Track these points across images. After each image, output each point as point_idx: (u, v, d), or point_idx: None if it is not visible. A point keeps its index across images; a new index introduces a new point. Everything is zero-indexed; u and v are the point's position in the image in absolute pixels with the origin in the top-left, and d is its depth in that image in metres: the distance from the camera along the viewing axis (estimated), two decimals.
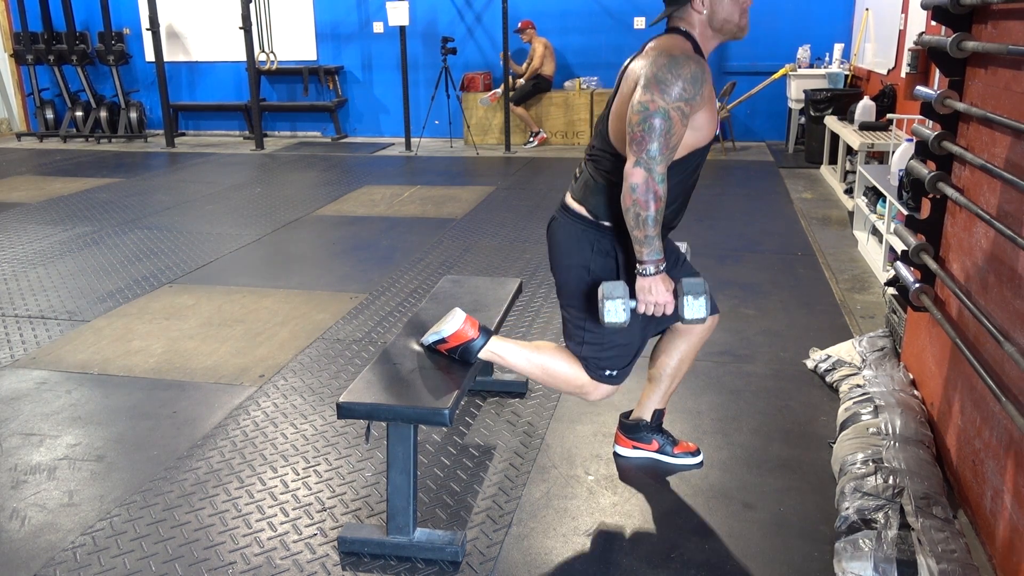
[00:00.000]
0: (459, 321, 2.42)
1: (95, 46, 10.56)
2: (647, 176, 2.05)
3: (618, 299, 2.16)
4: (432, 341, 2.47)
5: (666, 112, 2.04)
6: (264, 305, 4.32)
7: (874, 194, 5.00)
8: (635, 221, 2.09)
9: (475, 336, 2.42)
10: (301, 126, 10.84)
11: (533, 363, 2.44)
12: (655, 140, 2.04)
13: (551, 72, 9.47)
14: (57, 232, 5.88)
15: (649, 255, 2.14)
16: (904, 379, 2.99)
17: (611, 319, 2.18)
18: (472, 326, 2.43)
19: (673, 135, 2.06)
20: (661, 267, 2.16)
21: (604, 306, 2.17)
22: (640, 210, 2.07)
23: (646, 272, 2.16)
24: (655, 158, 2.04)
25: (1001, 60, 2.25)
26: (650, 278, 2.16)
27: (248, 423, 3.06)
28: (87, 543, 2.37)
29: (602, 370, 2.41)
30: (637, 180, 2.06)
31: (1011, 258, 2.14)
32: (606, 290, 2.18)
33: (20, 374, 3.51)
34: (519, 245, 5.41)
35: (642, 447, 2.76)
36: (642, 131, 2.04)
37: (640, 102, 2.05)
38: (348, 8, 10.25)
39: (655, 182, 2.05)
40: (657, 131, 2.03)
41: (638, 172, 2.05)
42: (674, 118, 2.05)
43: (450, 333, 2.42)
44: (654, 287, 2.17)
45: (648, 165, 2.04)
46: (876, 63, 7.28)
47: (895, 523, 2.16)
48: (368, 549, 2.29)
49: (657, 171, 2.05)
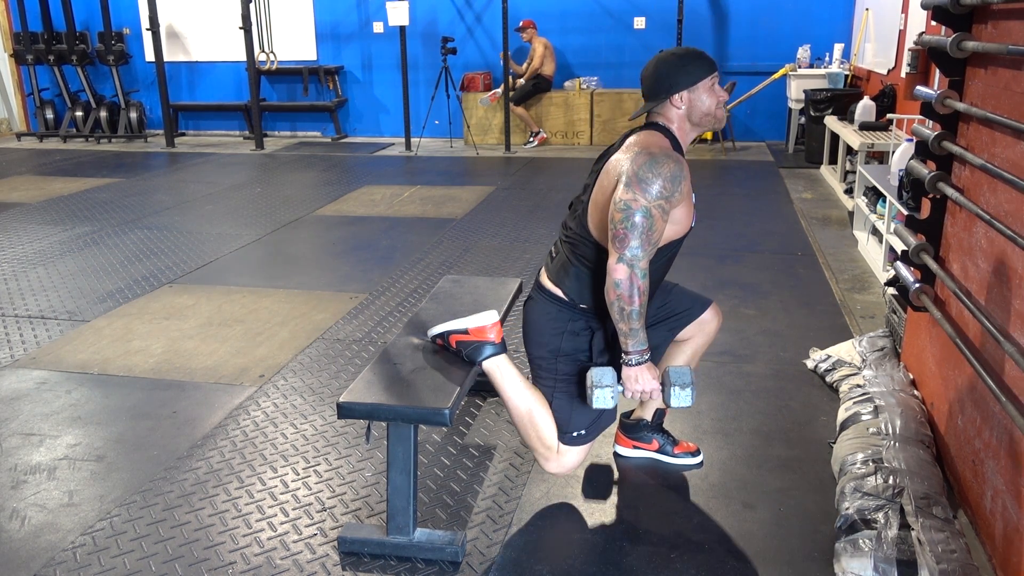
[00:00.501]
0: (489, 320, 2.43)
1: (95, 46, 10.56)
2: (630, 272, 2.11)
3: (607, 387, 2.21)
4: (446, 331, 2.46)
5: (647, 210, 2.10)
6: (264, 305, 4.32)
7: (874, 194, 5.00)
8: (620, 315, 2.15)
9: (494, 341, 2.42)
10: (301, 126, 10.84)
11: (525, 400, 2.42)
12: (637, 237, 2.10)
13: (551, 72, 9.47)
14: (57, 232, 5.88)
15: (634, 346, 2.19)
16: (904, 379, 2.99)
17: (599, 405, 2.23)
18: (496, 333, 2.44)
19: (654, 232, 2.12)
20: (645, 357, 2.21)
21: (593, 393, 2.21)
22: (624, 304, 2.13)
23: (631, 363, 2.21)
24: (637, 255, 2.10)
25: (1001, 60, 2.25)
26: (635, 368, 2.21)
27: (248, 423, 3.06)
28: (87, 543, 2.37)
29: (570, 431, 2.41)
30: (621, 276, 2.11)
31: (1011, 258, 2.14)
32: (595, 377, 2.22)
33: (20, 374, 3.51)
34: (519, 245, 5.41)
35: (642, 447, 2.76)
36: (624, 229, 2.10)
37: (623, 200, 2.11)
38: (348, 8, 10.25)
39: (638, 278, 2.11)
40: (639, 229, 2.09)
41: (621, 268, 2.11)
42: (655, 215, 2.11)
43: (475, 326, 2.42)
44: (640, 376, 2.22)
45: (631, 262, 2.11)
46: (876, 63, 7.28)
47: (895, 523, 2.16)
48: (368, 549, 2.29)
49: (639, 267, 2.11)
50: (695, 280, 4.49)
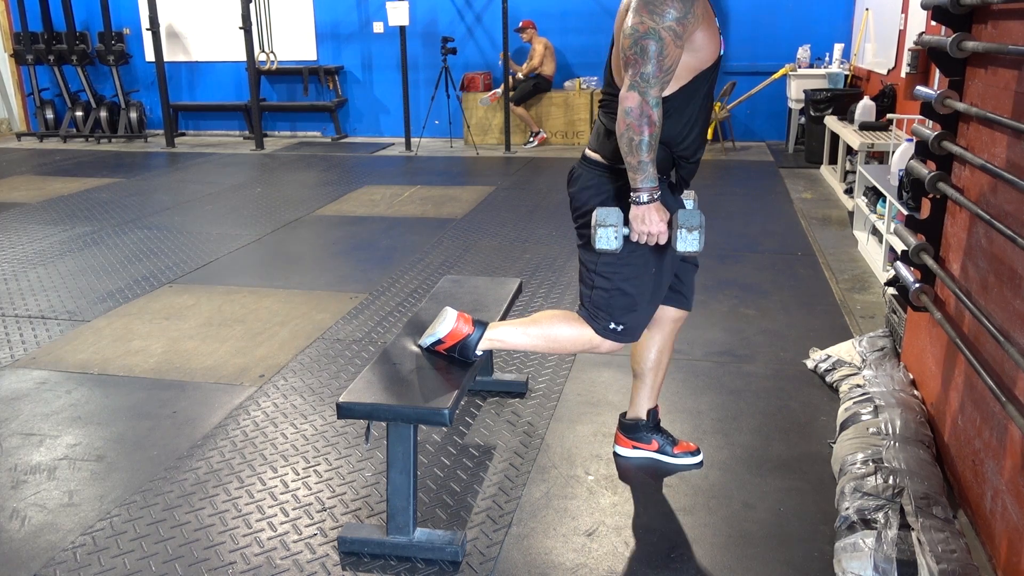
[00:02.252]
0: (451, 320, 2.42)
1: (95, 46, 10.56)
2: (641, 100, 2.02)
3: (611, 227, 2.13)
4: (429, 343, 2.47)
5: (657, 33, 2.00)
6: (264, 305, 4.32)
7: (874, 194, 5.00)
8: (628, 146, 2.06)
9: (470, 331, 2.41)
10: (301, 126, 10.84)
11: (533, 336, 2.42)
12: (648, 62, 2.01)
13: (551, 72, 9.47)
14: (57, 232, 5.88)
15: (643, 182, 2.10)
16: (904, 379, 2.99)
17: (602, 246, 2.15)
18: (465, 322, 2.43)
19: (667, 57, 2.02)
20: (655, 195, 2.12)
21: (596, 233, 2.14)
22: (634, 135, 2.04)
23: (639, 200, 2.12)
24: (648, 81, 2.01)
25: (1001, 60, 2.25)
26: (643, 206, 2.13)
27: (248, 423, 3.06)
28: (87, 543, 2.37)
29: (608, 322, 2.37)
30: (631, 104, 2.02)
31: (1011, 258, 2.14)
32: (599, 216, 2.14)
33: (20, 374, 3.51)
34: (519, 245, 5.41)
35: (642, 447, 2.76)
36: (634, 54, 2.02)
37: (631, 26, 2.03)
38: (348, 8, 10.25)
39: (649, 106, 2.02)
40: (649, 53, 2.00)
41: (632, 96, 2.02)
42: (666, 39, 2.01)
43: (445, 333, 2.42)
44: (647, 216, 2.13)
45: (642, 88, 2.01)
46: (876, 63, 7.28)
47: (895, 523, 2.16)
48: (368, 549, 2.29)
49: (651, 94, 2.02)
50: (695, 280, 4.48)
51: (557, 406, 3.14)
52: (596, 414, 3.08)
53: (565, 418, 3.06)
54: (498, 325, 2.47)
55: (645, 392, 2.70)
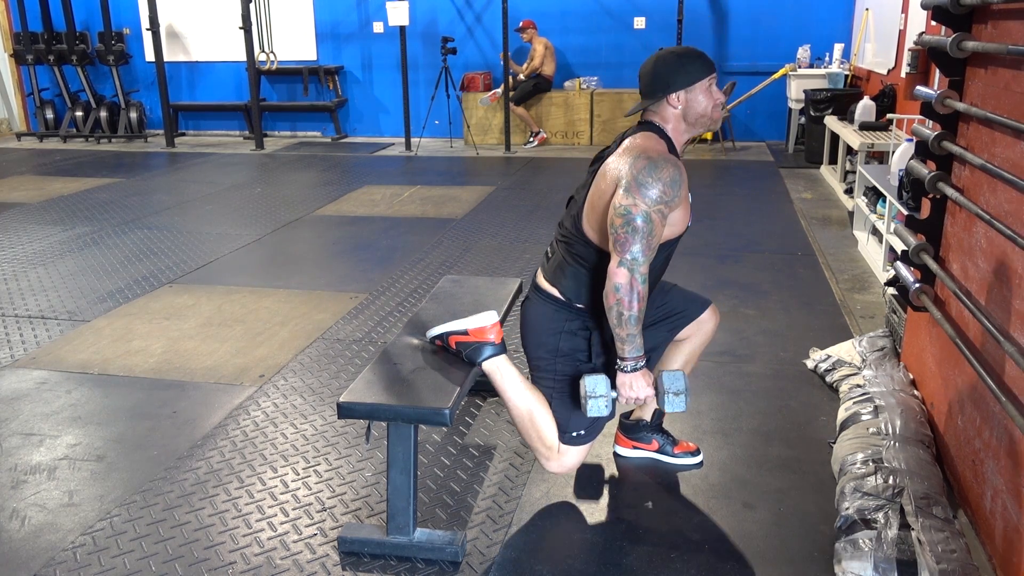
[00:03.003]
0: (489, 320, 2.43)
1: (95, 46, 10.56)
2: (630, 277, 2.10)
3: (601, 397, 2.21)
4: (446, 332, 2.46)
5: (647, 215, 2.10)
6: (264, 305, 4.32)
7: (874, 194, 5.00)
8: (618, 320, 2.14)
9: (494, 343, 2.42)
10: (301, 126, 10.84)
11: (525, 401, 2.42)
12: (638, 242, 2.10)
13: (551, 72, 9.47)
14: (57, 232, 5.88)
15: (630, 352, 2.18)
16: (904, 379, 2.99)
17: (594, 414, 2.23)
18: (496, 334, 2.44)
19: (654, 236, 2.12)
20: (641, 364, 2.20)
21: (587, 403, 2.21)
22: (623, 310, 2.12)
23: (626, 369, 2.20)
24: (638, 259, 2.10)
25: (1001, 60, 2.25)
26: (630, 375, 2.20)
27: (248, 423, 3.06)
28: (87, 543, 2.37)
29: (570, 431, 2.41)
30: (621, 281, 2.11)
31: (1011, 258, 2.14)
32: (589, 387, 2.22)
33: (20, 374, 3.51)
34: (519, 245, 5.41)
35: (642, 447, 2.76)
36: (625, 233, 2.10)
37: (623, 205, 2.11)
38: (348, 8, 10.25)
39: (638, 283, 2.11)
40: (640, 233, 2.09)
41: (622, 273, 2.11)
42: (655, 220, 2.11)
43: (474, 327, 2.42)
44: (634, 383, 2.21)
45: (631, 266, 2.10)
46: (876, 63, 7.28)
47: (895, 523, 2.16)
48: (368, 549, 2.29)
49: (639, 272, 2.11)
50: (695, 280, 4.49)
51: None
52: None
53: None
54: (511, 364, 2.46)
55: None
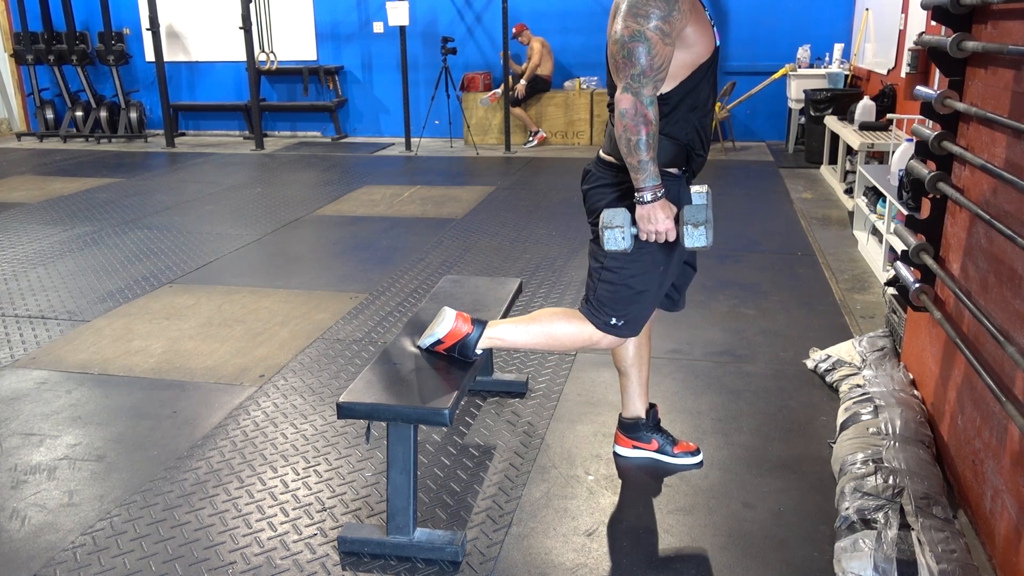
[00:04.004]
0: (450, 320, 2.43)
1: (95, 46, 10.56)
2: (634, 100, 2.06)
3: (617, 228, 2.15)
4: (428, 344, 2.47)
5: (643, 35, 2.05)
6: (264, 305, 4.32)
7: (874, 194, 5.00)
8: (627, 147, 2.09)
9: (469, 331, 2.42)
10: (301, 126, 10.84)
11: (534, 333, 2.43)
12: (637, 64, 2.05)
13: (549, 71, 9.46)
14: (57, 232, 5.88)
15: (645, 181, 2.12)
16: (904, 379, 2.99)
17: (611, 247, 2.17)
18: (464, 321, 2.43)
19: (656, 56, 2.06)
20: (659, 193, 2.14)
21: (604, 235, 2.15)
22: (631, 135, 2.07)
23: (643, 199, 2.15)
24: (640, 80, 2.05)
25: (1001, 60, 2.25)
26: (648, 205, 2.15)
27: (248, 423, 3.06)
28: (87, 543, 2.37)
29: (610, 317, 2.38)
30: (626, 105, 2.07)
31: (1011, 258, 2.14)
32: (605, 218, 2.16)
33: (20, 374, 3.51)
34: (519, 245, 5.41)
35: (642, 447, 2.76)
36: (623, 58, 2.06)
37: (618, 32, 2.08)
38: (348, 8, 10.25)
39: (643, 105, 2.06)
40: (637, 55, 2.05)
41: (626, 97, 2.07)
42: (653, 39, 2.05)
43: (444, 333, 2.42)
44: (653, 215, 2.15)
45: (634, 88, 2.05)
46: (876, 63, 7.28)
47: (895, 523, 2.16)
48: (368, 549, 2.29)
49: (644, 94, 2.05)
50: (695, 280, 4.48)
51: (557, 406, 3.14)
52: (596, 414, 3.08)
53: (565, 418, 3.06)
54: (497, 323, 2.47)
55: (634, 388, 2.71)
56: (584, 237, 5.39)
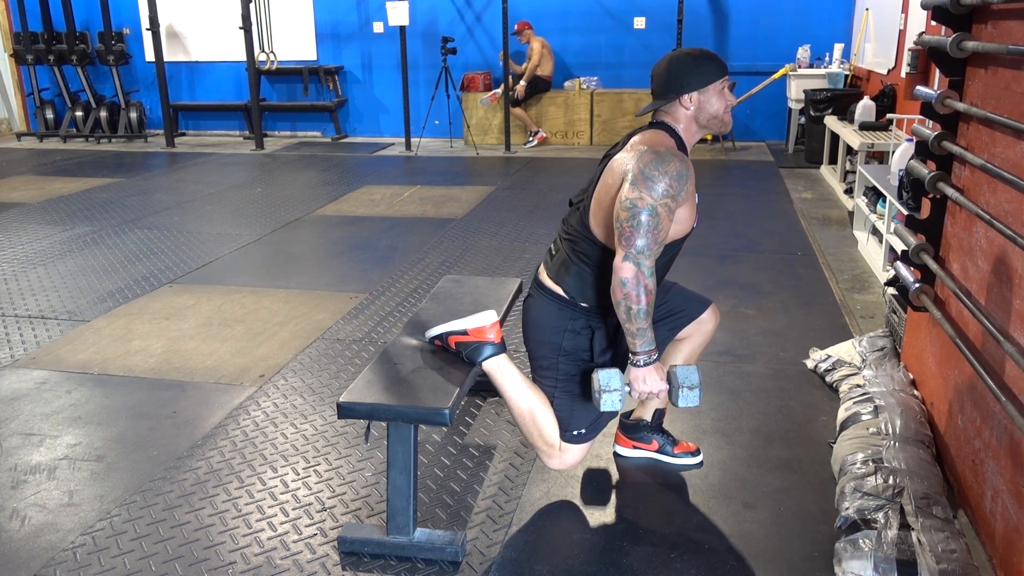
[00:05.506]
0: (488, 320, 2.43)
1: (95, 46, 10.56)
2: (636, 271, 2.10)
3: (615, 391, 2.20)
4: (445, 332, 2.45)
5: (653, 208, 2.09)
6: (264, 305, 4.32)
7: (874, 194, 5.00)
8: (627, 315, 2.14)
9: (494, 341, 2.42)
10: (301, 126, 10.84)
11: (526, 400, 2.42)
12: (643, 236, 2.09)
13: (549, 72, 9.46)
14: (57, 232, 5.88)
15: (642, 347, 2.18)
16: (904, 379, 2.99)
17: (608, 408, 2.22)
18: (495, 333, 2.44)
19: (660, 230, 2.12)
20: (653, 357, 2.20)
21: (601, 397, 2.20)
22: (631, 304, 2.11)
23: (639, 363, 2.20)
24: (643, 252, 2.10)
25: (1001, 60, 2.25)
26: (643, 369, 2.20)
27: (248, 423, 3.06)
28: (87, 543, 2.37)
29: (571, 430, 2.41)
30: (627, 275, 2.10)
31: (1011, 258, 2.14)
32: (603, 380, 2.21)
33: (20, 374, 3.51)
34: (519, 245, 5.41)
35: (642, 447, 2.76)
36: (631, 227, 2.10)
37: (628, 198, 2.11)
38: (348, 8, 10.25)
39: (644, 276, 2.10)
40: (645, 227, 2.09)
41: (628, 267, 2.10)
42: (661, 214, 2.11)
43: (474, 327, 2.42)
44: (648, 377, 2.20)
45: (637, 260, 2.10)
46: (876, 63, 7.28)
47: (895, 523, 2.16)
48: (368, 549, 2.29)
49: (646, 265, 2.10)
50: (695, 280, 4.49)
51: None
52: None
53: None
54: (511, 363, 2.46)
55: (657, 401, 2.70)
56: None
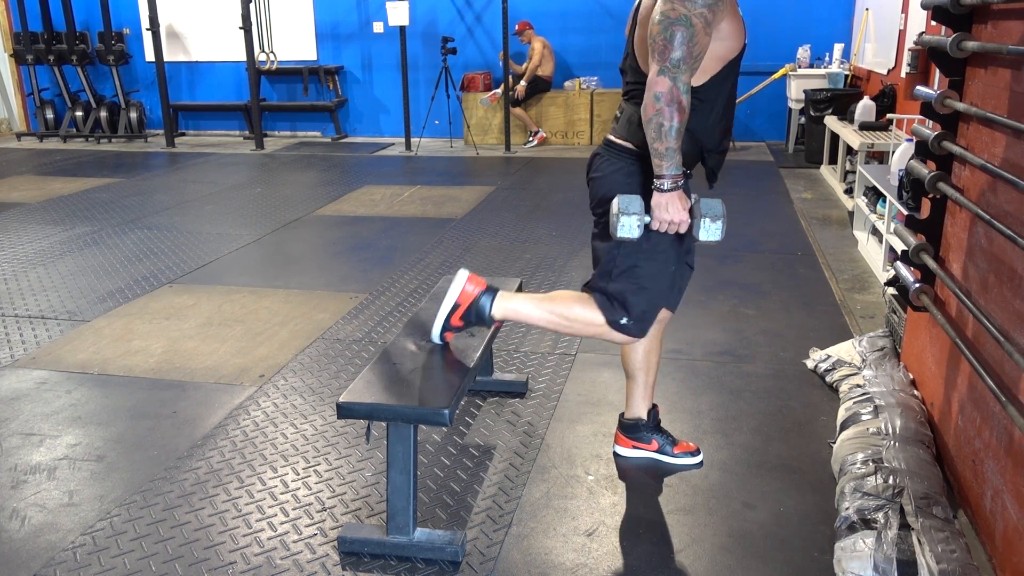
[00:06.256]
0: (463, 279, 2.39)
1: (95, 46, 10.56)
2: (671, 85, 2.00)
3: (633, 215, 2.10)
4: (444, 319, 2.43)
5: (688, 19, 1.99)
6: (264, 305, 4.32)
7: (874, 194, 5.00)
8: (657, 132, 2.04)
9: (483, 290, 2.39)
10: (301, 126, 10.84)
11: (548, 311, 2.39)
12: (678, 48, 1.99)
13: (550, 72, 9.47)
14: (57, 232, 5.88)
15: (668, 169, 2.08)
16: (904, 379, 2.99)
17: (624, 234, 2.13)
18: (476, 284, 2.40)
19: (696, 44, 2.01)
20: (679, 183, 2.11)
21: (618, 220, 2.11)
22: (663, 120, 2.02)
23: (663, 187, 2.11)
24: (679, 66, 2.00)
25: (1001, 60, 2.25)
26: (667, 194, 2.11)
27: (248, 423, 3.06)
28: (87, 543, 2.37)
29: (622, 316, 2.34)
30: (661, 89, 2.01)
31: (1011, 258, 2.14)
32: (621, 204, 2.12)
33: (20, 374, 3.51)
34: (519, 245, 5.41)
35: (642, 447, 2.76)
36: (664, 40, 2.00)
37: (662, 12, 2.01)
38: (348, 8, 10.25)
39: (679, 91, 2.00)
40: (680, 39, 1.99)
41: (662, 81, 2.00)
42: (696, 25, 2.00)
43: (459, 294, 2.39)
44: (670, 204, 2.12)
45: (672, 74, 2.00)
46: (876, 63, 7.28)
47: (895, 523, 2.16)
48: (368, 549, 2.29)
49: (681, 80, 2.00)
50: (695, 280, 4.47)
51: (557, 406, 3.14)
52: (596, 414, 3.08)
53: (565, 418, 3.06)
54: (513, 295, 2.43)
55: (639, 391, 2.70)
56: (584, 237, 5.41)
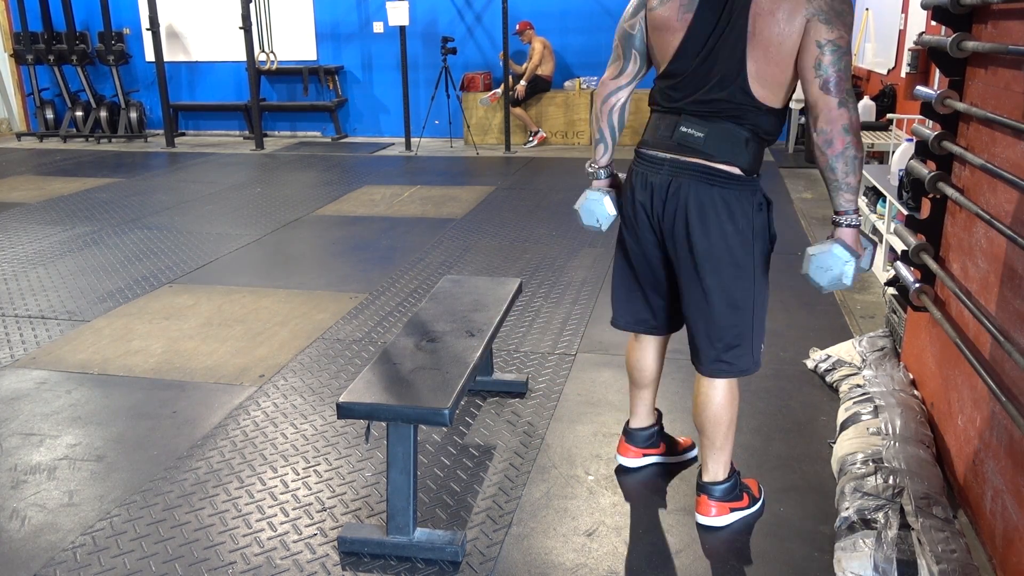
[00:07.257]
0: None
1: (95, 46, 10.56)
2: (854, 117, 1.95)
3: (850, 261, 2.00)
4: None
5: (851, 46, 1.96)
6: (264, 305, 4.32)
7: (874, 194, 5.00)
8: (850, 166, 1.96)
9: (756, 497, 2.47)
10: (301, 126, 10.84)
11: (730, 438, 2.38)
12: (848, 77, 1.95)
13: (550, 72, 9.46)
14: (57, 232, 5.88)
15: (856, 203, 2.02)
16: (904, 379, 2.99)
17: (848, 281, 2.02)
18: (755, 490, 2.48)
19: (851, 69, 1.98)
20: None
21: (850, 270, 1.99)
22: (856, 152, 1.96)
23: (855, 223, 2.01)
24: (852, 96, 1.96)
25: (1001, 60, 2.25)
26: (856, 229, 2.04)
27: (248, 423, 3.06)
28: (87, 543, 2.37)
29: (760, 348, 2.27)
30: (847, 122, 1.94)
31: (1011, 258, 2.14)
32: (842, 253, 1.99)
33: (20, 374, 3.51)
34: (519, 245, 5.41)
35: (652, 452, 2.69)
36: (837, 70, 1.93)
37: (831, 40, 1.93)
38: (348, 8, 10.25)
39: (859, 123, 1.97)
40: (848, 67, 1.95)
41: (845, 113, 1.94)
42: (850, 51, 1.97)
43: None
44: (858, 239, 2.05)
45: (852, 105, 1.95)
46: (876, 63, 7.28)
47: (895, 523, 2.16)
48: (368, 549, 2.29)
49: (856, 109, 1.96)
50: None
51: (557, 406, 3.14)
52: (596, 414, 3.08)
53: (565, 418, 3.06)
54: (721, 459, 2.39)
55: (650, 401, 2.65)
56: (584, 237, 5.42)
